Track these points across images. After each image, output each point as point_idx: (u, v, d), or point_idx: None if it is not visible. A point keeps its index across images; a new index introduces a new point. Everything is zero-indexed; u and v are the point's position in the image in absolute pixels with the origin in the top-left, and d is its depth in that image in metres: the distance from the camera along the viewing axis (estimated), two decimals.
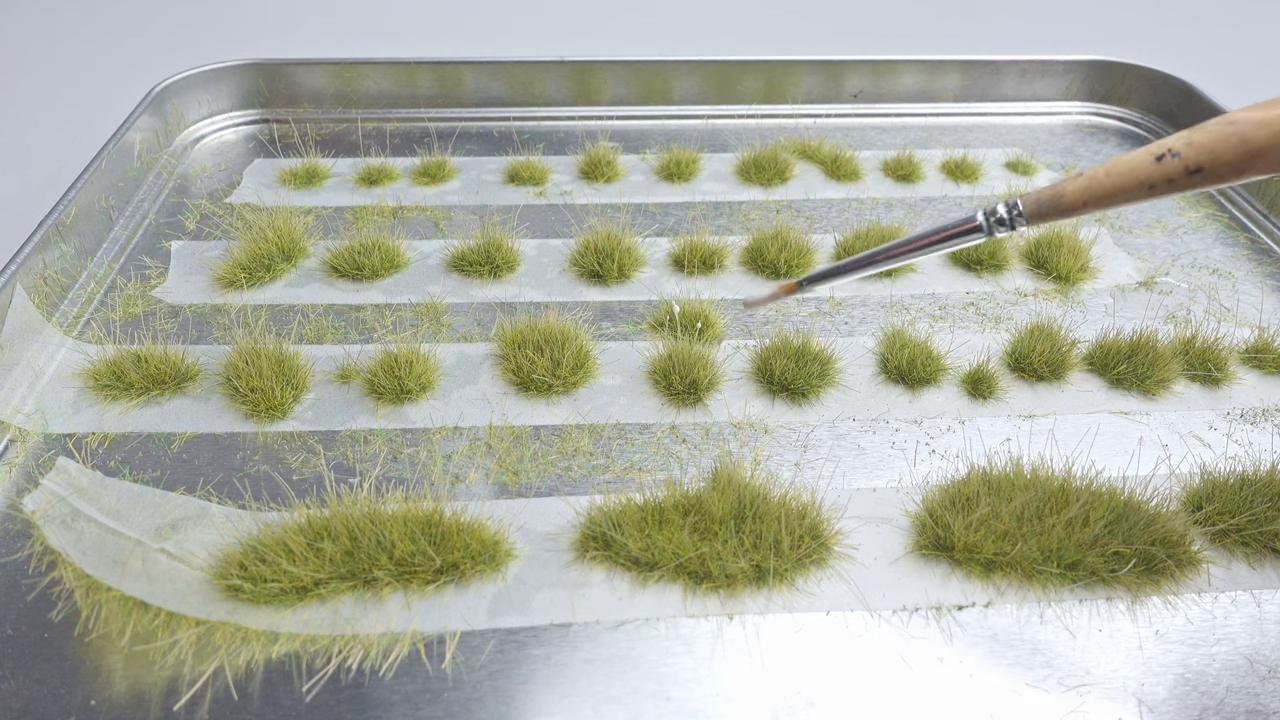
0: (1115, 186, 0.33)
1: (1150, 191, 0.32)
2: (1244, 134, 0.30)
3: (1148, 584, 0.43)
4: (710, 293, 0.63)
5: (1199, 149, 0.31)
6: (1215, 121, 0.31)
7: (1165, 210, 0.74)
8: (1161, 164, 0.32)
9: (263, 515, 0.45)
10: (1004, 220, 0.36)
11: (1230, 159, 0.31)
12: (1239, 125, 0.30)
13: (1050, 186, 0.35)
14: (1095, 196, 0.33)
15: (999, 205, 0.36)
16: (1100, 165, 0.33)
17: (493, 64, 0.84)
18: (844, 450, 0.51)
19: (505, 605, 0.42)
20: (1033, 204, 0.35)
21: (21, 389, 0.53)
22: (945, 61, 0.87)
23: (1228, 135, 0.30)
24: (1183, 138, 0.32)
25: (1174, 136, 0.32)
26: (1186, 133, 0.32)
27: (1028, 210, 0.35)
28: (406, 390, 0.53)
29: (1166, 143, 0.32)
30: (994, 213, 0.36)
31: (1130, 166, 0.32)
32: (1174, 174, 0.32)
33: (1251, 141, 0.30)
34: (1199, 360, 0.56)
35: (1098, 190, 0.33)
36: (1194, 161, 0.31)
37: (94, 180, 0.65)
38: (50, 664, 0.39)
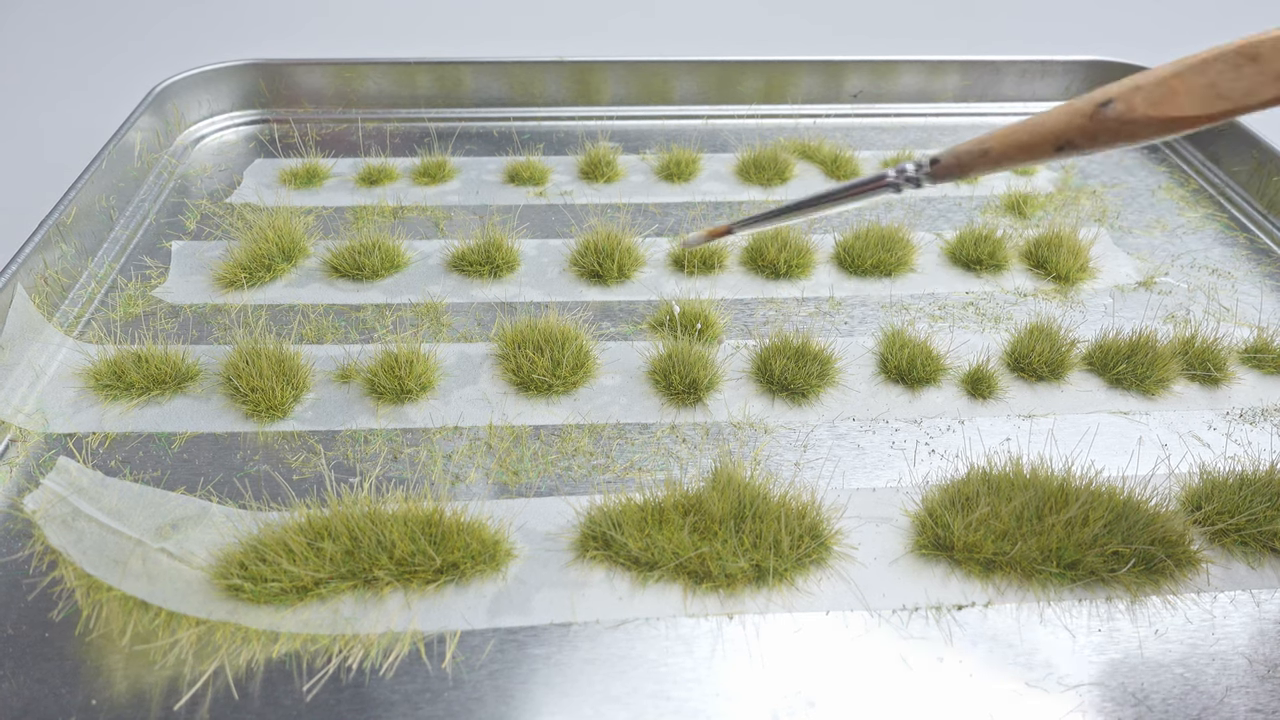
0: (1012, 163, 0.33)
1: (1037, 160, 0.33)
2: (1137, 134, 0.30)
3: (1147, 584, 0.43)
4: (710, 293, 0.63)
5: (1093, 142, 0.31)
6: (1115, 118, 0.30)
7: (1164, 210, 0.74)
8: (1062, 152, 0.32)
9: (263, 515, 0.45)
10: (912, 177, 0.37)
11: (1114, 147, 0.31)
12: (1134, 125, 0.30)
13: (955, 154, 0.35)
14: (996, 168, 0.34)
15: (908, 164, 0.37)
16: (1004, 141, 0.34)
17: (493, 64, 0.84)
18: (844, 450, 0.51)
19: (505, 605, 0.42)
20: (942, 170, 0.36)
21: (22, 389, 0.53)
22: (945, 62, 0.87)
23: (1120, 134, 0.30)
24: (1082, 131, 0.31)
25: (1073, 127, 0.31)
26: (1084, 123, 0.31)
27: (936, 172, 0.36)
28: (406, 390, 0.53)
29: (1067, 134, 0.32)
30: (904, 170, 0.38)
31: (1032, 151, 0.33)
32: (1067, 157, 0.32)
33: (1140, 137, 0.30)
34: (1198, 360, 0.56)
35: (999, 163, 0.34)
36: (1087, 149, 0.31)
37: (94, 180, 0.65)
38: (51, 663, 0.39)
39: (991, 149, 0.33)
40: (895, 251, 0.65)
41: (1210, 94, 0.28)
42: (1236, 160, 0.76)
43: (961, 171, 0.35)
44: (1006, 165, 0.34)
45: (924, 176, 0.37)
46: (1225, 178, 0.77)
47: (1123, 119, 0.29)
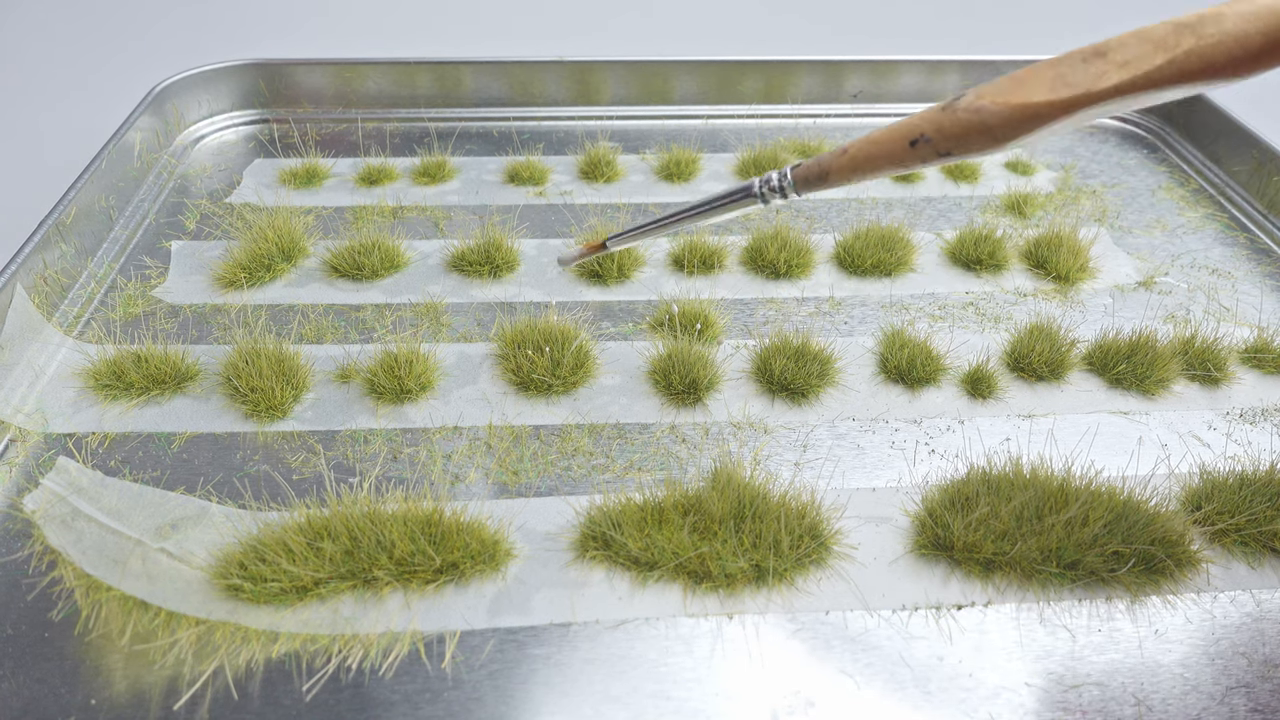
0: (872, 163, 0.34)
1: (904, 167, 0.33)
2: (988, 123, 0.30)
3: (1147, 584, 0.43)
4: (710, 293, 0.63)
5: (947, 137, 0.31)
6: (964, 107, 0.31)
7: (1164, 210, 0.74)
8: (915, 148, 0.32)
9: (263, 515, 0.45)
10: (776, 188, 0.37)
11: (975, 145, 0.31)
12: (983, 114, 0.30)
13: (817, 159, 0.36)
14: (856, 171, 0.34)
15: (773, 174, 0.37)
16: (862, 141, 0.34)
17: (493, 64, 0.84)
18: (843, 450, 0.51)
19: (505, 605, 0.42)
20: (801, 174, 0.36)
21: (22, 389, 0.53)
22: (945, 62, 0.87)
23: (973, 125, 0.30)
24: (932, 122, 0.32)
25: (925, 118, 0.32)
26: (936, 115, 0.32)
27: (796, 178, 0.36)
28: (406, 390, 0.53)
29: (919, 126, 0.32)
30: (768, 180, 0.38)
31: (888, 149, 0.33)
32: (926, 156, 0.32)
33: (995, 130, 0.30)
34: (1198, 360, 0.56)
35: (858, 166, 0.34)
36: (943, 147, 0.32)
37: (94, 180, 0.65)
38: (50, 663, 0.39)
39: (850, 148, 0.34)
40: (895, 251, 0.65)
41: (1058, 82, 0.29)
42: (1236, 160, 0.76)
43: (823, 175, 0.35)
44: (866, 166, 0.34)
45: (787, 185, 0.37)
46: (1225, 178, 0.77)
47: (970, 107, 0.30)
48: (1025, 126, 0.30)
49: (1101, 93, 0.28)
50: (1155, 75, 0.28)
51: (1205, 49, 0.27)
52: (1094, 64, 0.29)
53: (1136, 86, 0.28)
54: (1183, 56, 0.27)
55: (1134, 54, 0.28)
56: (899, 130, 0.33)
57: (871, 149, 0.33)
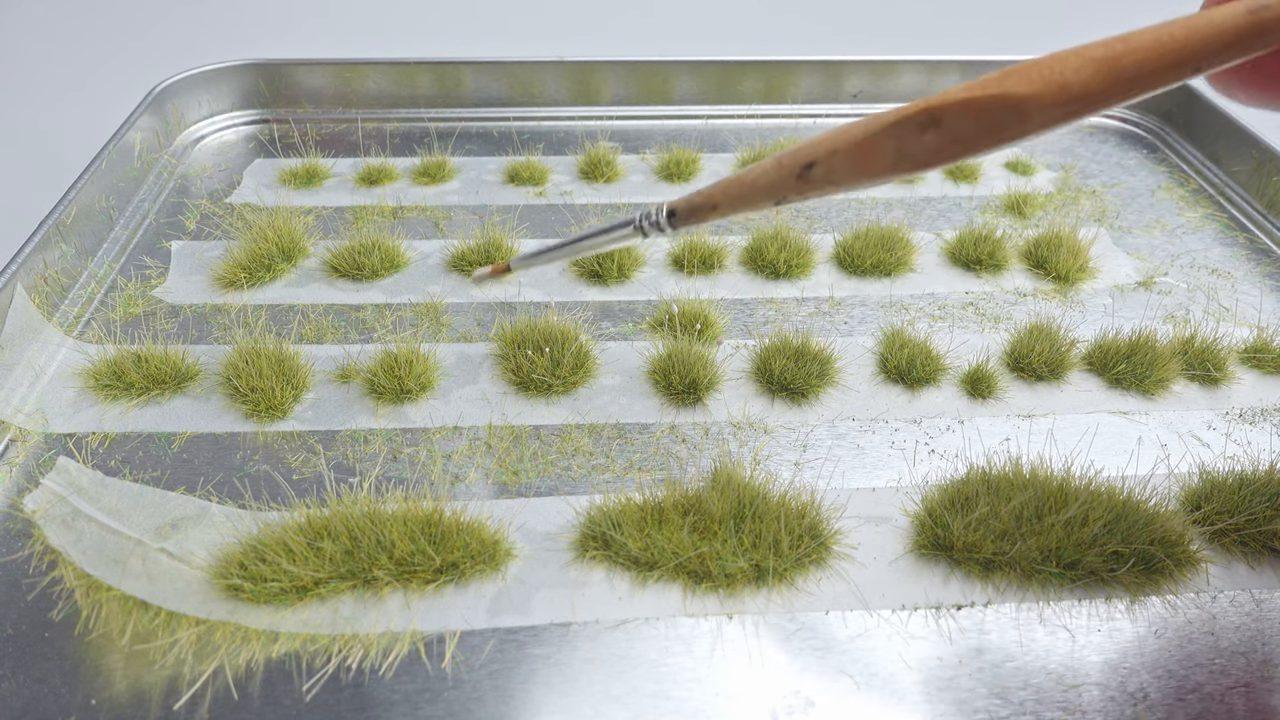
0: (739, 211, 0.35)
1: (783, 199, 0.34)
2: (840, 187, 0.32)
3: (1147, 584, 0.43)
4: (710, 293, 0.63)
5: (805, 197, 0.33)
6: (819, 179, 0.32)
7: (1164, 210, 0.74)
8: (780, 203, 0.34)
9: (263, 515, 0.45)
10: (656, 222, 0.39)
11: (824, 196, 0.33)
12: (839, 187, 0.32)
13: (689, 200, 0.37)
14: (723, 215, 0.36)
15: (653, 209, 0.39)
16: (728, 189, 0.35)
17: (493, 64, 0.84)
18: (843, 450, 0.51)
19: (505, 605, 0.42)
20: (686, 205, 0.37)
21: (22, 389, 0.53)
22: (945, 62, 0.87)
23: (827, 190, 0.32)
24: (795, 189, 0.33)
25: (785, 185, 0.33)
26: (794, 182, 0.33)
27: (680, 210, 0.37)
28: (406, 390, 0.53)
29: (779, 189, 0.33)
30: (648, 215, 0.39)
31: (751, 202, 0.34)
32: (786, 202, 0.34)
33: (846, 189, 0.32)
34: (1198, 360, 0.56)
35: (735, 204, 0.35)
36: (799, 201, 0.34)
37: (94, 180, 0.65)
38: (50, 663, 0.39)
39: (719, 203, 0.35)
40: (895, 251, 0.65)
41: (898, 155, 0.30)
42: (1236, 160, 0.76)
43: (696, 219, 0.37)
44: (733, 214, 0.36)
45: (665, 223, 0.38)
46: (1225, 178, 0.77)
47: (827, 179, 0.32)
48: (875, 183, 0.32)
49: (940, 165, 0.30)
50: (982, 152, 0.30)
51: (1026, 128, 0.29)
52: (929, 138, 0.30)
53: (968, 155, 0.30)
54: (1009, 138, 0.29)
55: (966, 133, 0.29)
56: (760, 188, 0.34)
57: (738, 204, 0.35)
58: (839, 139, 0.31)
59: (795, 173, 0.32)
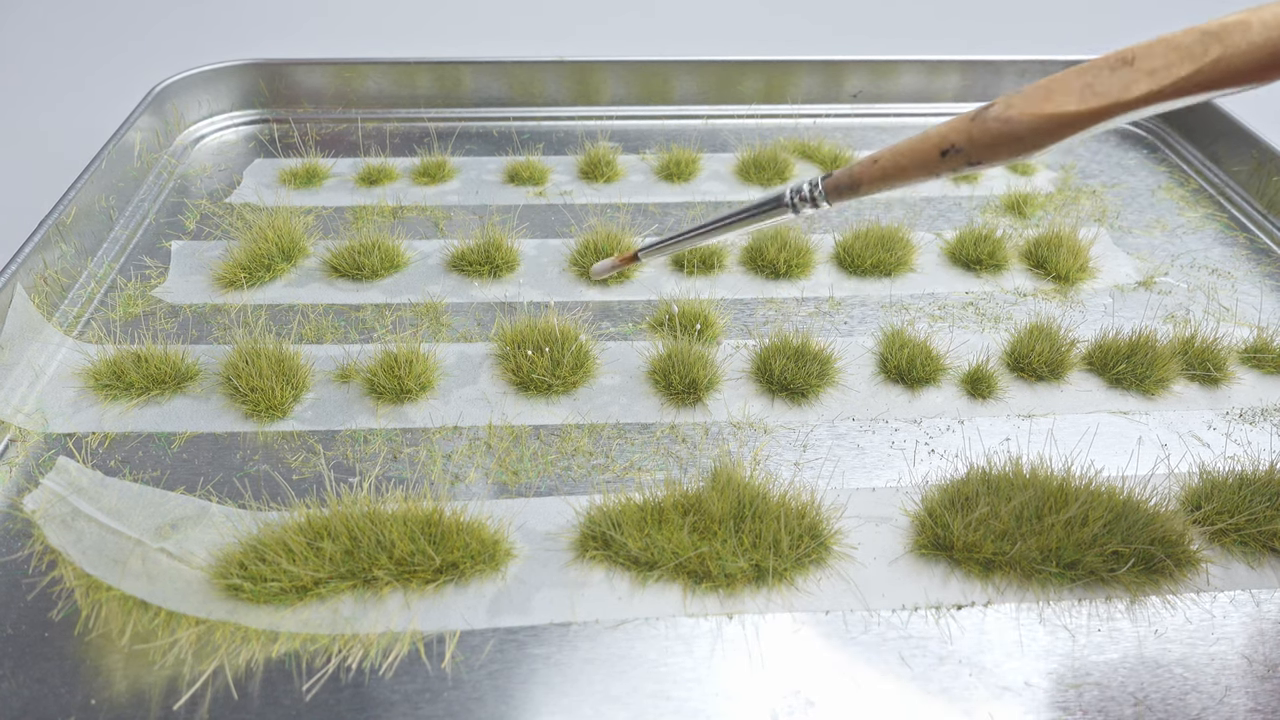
0: (903, 173, 0.34)
1: (934, 176, 0.34)
2: (1017, 133, 0.31)
3: (1147, 583, 0.43)
4: (710, 293, 0.63)
5: (979, 147, 0.32)
6: (994, 117, 0.31)
7: (1164, 210, 0.74)
8: (946, 158, 0.33)
9: (263, 515, 0.45)
10: (807, 198, 0.38)
11: (1005, 154, 0.32)
12: (1013, 125, 0.31)
13: (848, 168, 0.36)
14: (887, 180, 0.35)
15: (804, 184, 0.38)
16: (892, 150, 0.34)
17: (493, 64, 0.84)
18: (843, 450, 0.51)
19: (505, 605, 0.42)
20: (832, 184, 0.37)
21: (22, 389, 0.53)
22: (945, 61, 0.87)
23: (1003, 135, 0.31)
24: (963, 133, 0.32)
25: (955, 129, 0.32)
26: (967, 126, 0.32)
27: (828, 188, 0.37)
28: (406, 390, 0.53)
29: (950, 137, 0.33)
30: (799, 190, 0.38)
31: (919, 159, 0.33)
32: (957, 165, 0.33)
33: (1026, 139, 0.31)
34: (1198, 360, 0.56)
35: (889, 176, 0.35)
36: (974, 156, 0.32)
37: (94, 180, 0.65)
38: (50, 663, 0.39)
39: (880, 158, 0.35)
40: (895, 251, 0.65)
41: (1086, 92, 0.29)
42: (1236, 160, 0.76)
43: (854, 185, 0.36)
44: (896, 176, 0.35)
45: (819, 195, 0.37)
46: (1225, 178, 0.77)
47: (1000, 117, 0.31)
48: (1055, 135, 0.30)
49: (1131, 101, 0.29)
50: (1183, 84, 0.28)
51: (1232, 58, 0.27)
52: (1121, 72, 0.29)
53: (1164, 95, 0.28)
54: (1210, 66, 0.27)
55: (1161, 62, 0.28)
56: (930, 141, 0.33)
57: (902, 159, 0.34)
58: (1029, 86, 0.31)
59: (972, 115, 0.31)
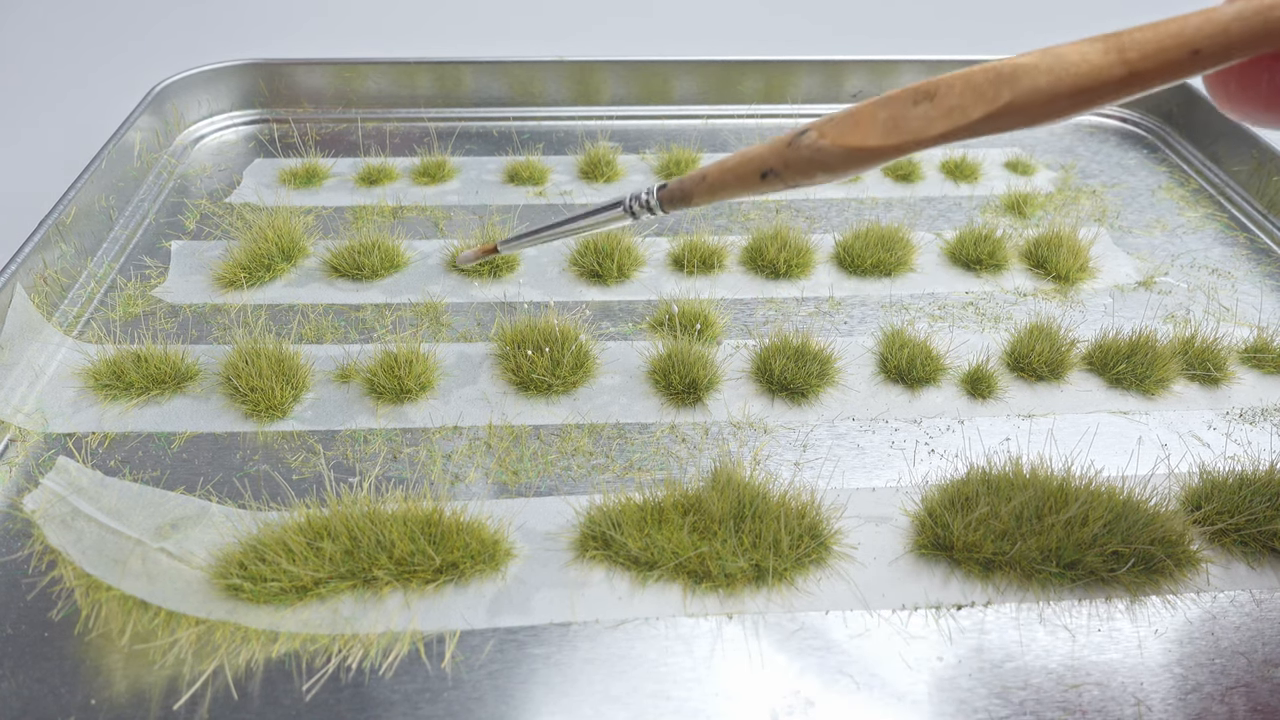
0: (729, 189, 0.35)
1: (758, 194, 0.34)
2: (826, 162, 0.32)
3: (1147, 584, 0.43)
4: (710, 293, 0.63)
5: (794, 171, 0.33)
6: (806, 145, 0.32)
7: (1164, 210, 0.74)
8: (765, 180, 0.33)
9: (263, 515, 0.45)
10: (644, 205, 0.39)
11: (820, 178, 0.33)
12: (823, 154, 0.31)
13: (680, 180, 0.37)
14: (714, 194, 0.36)
15: (643, 191, 0.39)
16: (719, 167, 0.35)
17: (493, 64, 0.84)
18: (843, 450, 0.51)
19: (505, 604, 0.42)
20: (666, 194, 0.37)
21: (21, 389, 0.53)
22: (945, 61, 0.87)
23: (814, 163, 0.32)
24: (779, 156, 0.33)
25: (773, 152, 0.33)
26: (782, 150, 0.33)
27: (662, 198, 0.38)
28: (406, 390, 0.53)
29: (768, 160, 0.33)
30: (638, 197, 0.39)
31: (742, 177, 0.34)
32: (775, 186, 0.33)
33: (834, 168, 0.32)
34: (1198, 360, 0.56)
35: (716, 190, 0.35)
36: (790, 179, 0.33)
37: (94, 180, 0.65)
38: (50, 663, 0.39)
39: (709, 174, 0.35)
40: (895, 251, 0.65)
41: (889, 126, 0.30)
42: (1236, 160, 0.76)
43: (685, 197, 0.37)
44: (723, 192, 0.35)
45: (654, 203, 0.38)
46: (1225, 178, 0.77)
47: (813, 146, 0.31)
48: (862, 165, 0.31)
49: (928, 140, 0.30)
50: (977, 125, 0.29)
51: (1021, 102, 0.28)
52: (923, 107, 0.30)
53: (959, 134, 0.30)
54: (1001, 109, 0.28)
55: (958, 102, 0.29)
56: (751, 163, 0.34)
57: (728, 177, 0.35)
58: (841, 111, 0.32)
59: (788, 140, 0.32)
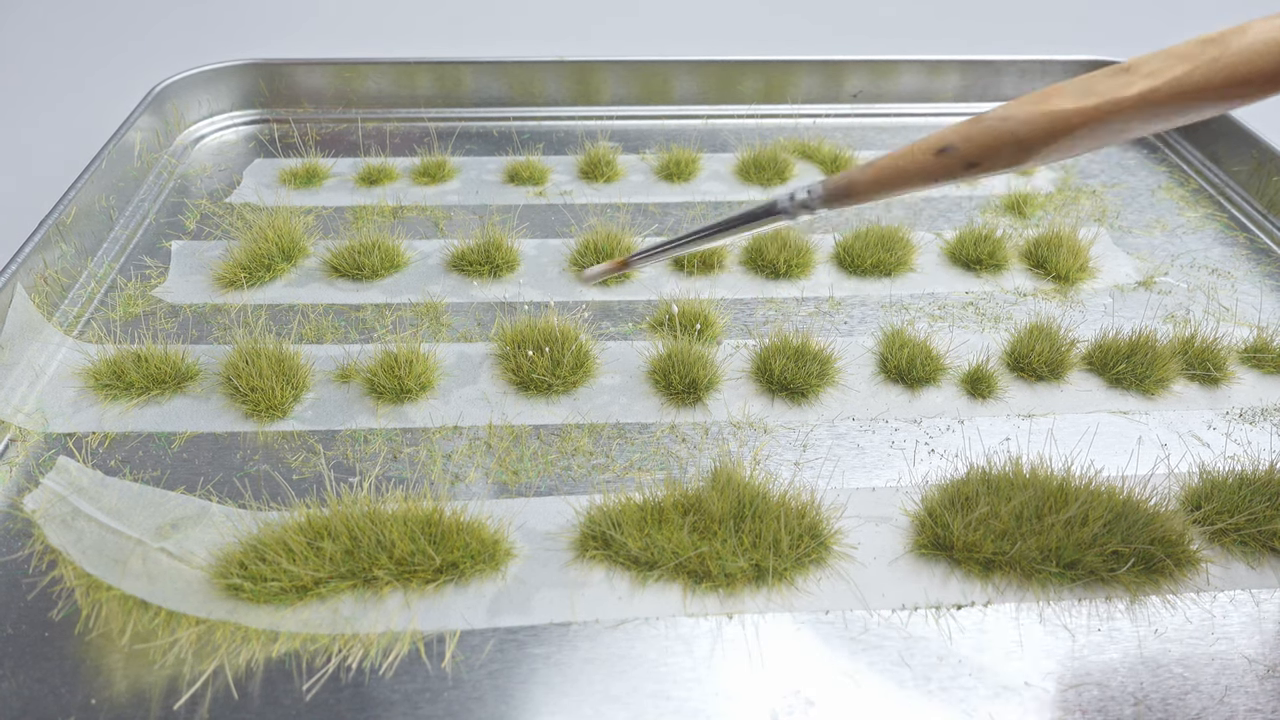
0: (900, 175, 0.34)
1: (932, 180, 0.33)
2: (1016, 131, 0.31)
3: (1147, 583, 0.43)
4: (710, 293, 0.63)
5: (976, 146, 0.32)
6: (992, 116, 0.31)
7: (1164, 210, 0.74)
8: (941, 158, 0.32)
9: (263, 515, 0.45)
10: (805, 204, 0.38)
11: (1004, 156, 0.31)
12: (1011, 122, 0.31)
13: (845, 173, 0.36)
14: (884, 185, 0.35)
15: (800, 190, 0.38)
16: (890, 155, 0.34)
17: (493, 64, 0.84)
18: (843, 450, 0.51)
19: (505, 604, 0.42)
20: (831, 188, 0.36)
21: (22, 388, 0.53)
22: (945, 61, 0.87)
23: (1001, 134, 0.31)
24: (960, 133, 0.32)
25: (953, 129, 0.32)
26: (965, 127, 0.32)
27: (826, 193, 0.36)
28: (406, 390, 0.53)
29: (947, 137, 0.32)
30: (793, 197, 0.38)
31: (915, 160, 0.33)
32: (953, 167, 0.32)
33: (1024, 139, 0.31)
34: (1198, 360, 0.56)
35: (885, 180, 0.34)
36: (971, 156, 0.32)
37: (94, 180, 0.65)
38: (51, 663, 0.39)
39: (876, 162, 0.34)
40: (895, 251, 0.65)
41: (1084, 92, 0.29)
42: (1236, 160, 0.76)
43: (851, 192, 0.35)
44: (894, 181, 0.34)
45: (815, 200, 0.37)
46: (1225, 178, 0.77)
47: (999, 116, 0.31)
48: (1053, 135, 0.30)
49: (1127, 100, 0.29)
50: (1180, 83, 0.28)
51: (1229, 59, 0.27)
52: (1120, 77, 0.29)
53: (1160, 95, 0.28)
54: (1206, 64, 0.28)
55: (1160, 65, 0.28)
56: (926, 141, 0.33)
57: (898, 161, 0.33)
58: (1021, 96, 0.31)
59: (967, 122, 0.31)
